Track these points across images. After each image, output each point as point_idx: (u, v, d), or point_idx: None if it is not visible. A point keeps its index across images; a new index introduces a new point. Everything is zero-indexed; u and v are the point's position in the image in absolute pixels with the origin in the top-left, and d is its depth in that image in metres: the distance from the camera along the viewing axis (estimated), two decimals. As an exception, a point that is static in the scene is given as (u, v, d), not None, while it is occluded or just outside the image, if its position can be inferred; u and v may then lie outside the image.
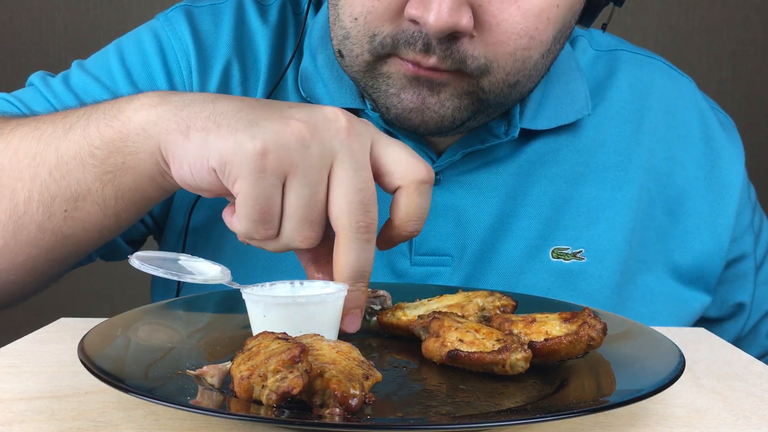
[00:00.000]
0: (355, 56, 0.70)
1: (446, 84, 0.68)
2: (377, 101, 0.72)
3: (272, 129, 0.55)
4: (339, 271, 0.58)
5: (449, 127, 0.71)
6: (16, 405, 0.49)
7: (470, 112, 0.71)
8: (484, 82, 0.68)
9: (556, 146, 0.82)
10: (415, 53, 0.66)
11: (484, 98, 0.70)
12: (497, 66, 0.68)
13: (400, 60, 0.68)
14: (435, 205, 0.79)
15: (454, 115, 0.70)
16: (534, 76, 0.71)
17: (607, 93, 0.86)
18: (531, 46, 0.67)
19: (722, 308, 0.89)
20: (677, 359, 0.50)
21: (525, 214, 0.80)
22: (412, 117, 0.70)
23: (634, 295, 0.82)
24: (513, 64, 0.68)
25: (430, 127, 0.71)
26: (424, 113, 0.69)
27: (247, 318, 0.59)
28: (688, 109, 0.87)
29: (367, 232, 0.57)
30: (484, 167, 0.80)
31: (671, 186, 0.85)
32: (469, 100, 0.70)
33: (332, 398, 0.43)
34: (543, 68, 0.72)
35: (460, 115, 0.70)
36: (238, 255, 0.79)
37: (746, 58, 2.18)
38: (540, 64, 0.71)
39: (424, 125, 0.70)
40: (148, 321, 0.60)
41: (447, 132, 0.73)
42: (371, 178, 0.58)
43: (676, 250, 0.84)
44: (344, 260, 0.58)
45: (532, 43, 0.67)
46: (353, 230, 0.57)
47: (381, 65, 0.70)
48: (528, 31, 0.66)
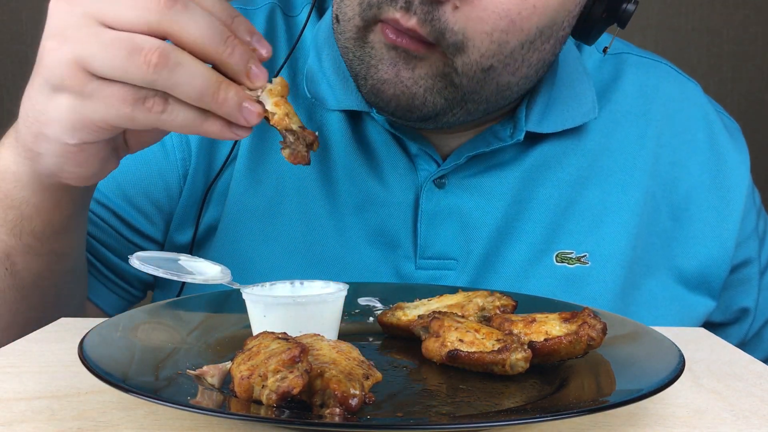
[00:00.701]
0: (348, 20, 0.70)
1: (422, 58, 0.67)
2: (359, 74, 0.71)
3: (46, 72, 0.54)
4: (204, 51, 0.52)
5: (421, 109, 0.69)
6: (16, 405, 0.49)
7: (444, 98, 0.69)
8: (458, 61, 0.67)
9: (561, 150, 0.82)
10: (396, 10, 0.65)
11: (458, 83, 0.68)
12: (473, 46, 0.66)
13: (383, 26, 0.67)
14: (440, 209, 0.79)
15: (425, 95, 0.69)
16: (512, 68, 0.69)
17: (613, 96, 0.85)
18: (510, 30, 0.66)
19: (726, 313, 0.89)
20: (677, 359, 0.50)
21: (529, 218, 0.80)
22: (385, 89, 0.69)
23: (638, 300, 0.82)
24: (488, 46, 0.66)
25: (402, 104, 0.69)
26: (396, 86, 0.68)
27: (247, 318, 0.59)
28: (694, 113, 0.87)
29: (174, 1, 0.51)
30: (490, 171, 0.80)
31: (676, 190, 0.84)
32: (442, 83, 0.68)
33: (332, 398, 0.43)
34: (525, 63, 0.70)
35: (433, 98, 0.69)
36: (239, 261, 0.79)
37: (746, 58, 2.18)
38: (519, 54, 0.69)
39: (395, 100, 0.69)
40: (148, 321, 0.60)
41: (422, 118, 0.71)
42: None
43: (681, 254, 0.84)
44: (192, 41, 0.52)
45: (512, 27, 0.66)
46: (162, 13, 0.51)
47: (368, 33, 0.69)
48: (509, 13, 0.65)
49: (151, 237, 0.83)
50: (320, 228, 0.79)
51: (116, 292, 0.84)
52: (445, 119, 0.72)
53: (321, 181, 0.80)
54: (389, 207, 0.79)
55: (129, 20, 0.51)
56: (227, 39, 0.53)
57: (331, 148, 0.80)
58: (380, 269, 0.79)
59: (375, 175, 0.79)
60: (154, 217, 0.82)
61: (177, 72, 0.51)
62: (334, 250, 0.79)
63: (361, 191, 0.79)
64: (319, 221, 0.79)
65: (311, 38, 0.83)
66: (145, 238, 0.82)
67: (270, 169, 0.80)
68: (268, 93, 0.56)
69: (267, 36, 0.85)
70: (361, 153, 0.80)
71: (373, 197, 0.79)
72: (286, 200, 0.80)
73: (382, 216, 0.79)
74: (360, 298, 0.70)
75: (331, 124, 0.80)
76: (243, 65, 0.54)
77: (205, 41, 0.52)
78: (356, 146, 0.80)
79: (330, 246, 0.79)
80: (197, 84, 0.52)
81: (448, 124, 0.73)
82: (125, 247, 0.82)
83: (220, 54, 0.53)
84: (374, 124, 0.80)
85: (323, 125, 0.81)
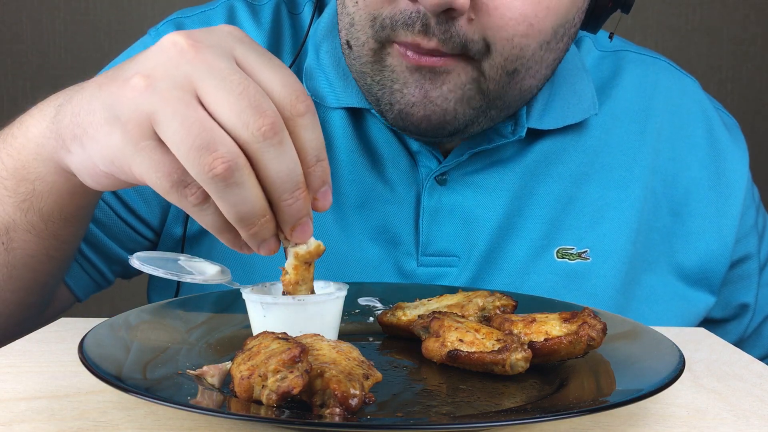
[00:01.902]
0: (362, 44, 0.70)
1: (449, 71, 0.67)
2: (381, 99, 0.71)
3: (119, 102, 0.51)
4: (270, 188, 0.51)
5: (452, 123, 0.70)
6: (16, 405, 0.49)
7: (472, 108, 0.70)
8: (485, 65, 0.67)
9: (561, 146, 0.82)
10: (414, 35, 0.66)
11: (485, 89, 0.69)
12: (495, 51, 0.67)
13: (402, 48, 0.67)
14: (442, 206, 0.79)
15: (456, 108, 0.69)
16: (533, 70, 0.70)
17: (612, 93, 0.86)
18: (529, 34, 0.67)
19: (726, 309, 0.89)
20: (677, 359, 0.50)
21: (530, 214, 0.80)
22: (414, 112, 0.69)
23: (638, 296, 0.82)
24: (511, 51, 0.67)
25: (433, 123, 0.70)
26: (426, 107, 0.69)
27: (247, 318, 0.59)
28: (693, 109, 0.88)
29: (274, 133, 0.49)
30: (491, 167, 0.80)
31: (676, 186, 0.85)
32: (471, 90, 0.69)
33: (332, 398, 0.43)
34: (543, 64, 0.71)
35: (463, 110, 0.70)
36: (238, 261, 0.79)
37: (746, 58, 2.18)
38: (539, 56, 0.69)
39: (426, 120, 0.70)
40: (148, 321, 0.60)
41: (451, 133, 0.72)
42: (246, 77, 0.50)
43: (681, 250, 0.84)
44: (266, 175, 0.50)
45: (531, 30, 0.66)
46: (256, 138, 0.49)
47: (385, 56, 0.69)
48: (526, 17, 0.66)
49: (147, 221, 0.82)
50: (322, 226, 0.79)
51: (89, 273, 0.83)
52: (471, 130, 0.73)
53: None
54: (391, 204, 0.79)
55: (223, 117, 0.49)
56: (296, 191, 0.51)
57: (332, 146, 0.80)
58: (382, 266, 0.79)
59: (377, 172, 0.80)
60: (152, 203, 0.82)
61: (231, 190, 0.49)
62: (336, 247, 0.79)
63: (362, 189, 0.79)
64: (321, 219, 0.79)
65: (310, 36, 0.83)
66: (140, 221, 0.82)
67: None
68: (295, 253, 0.55)
69: (273, 31, 0.85)
70: (363, 150, 0.80)
71: (375, 194, 0.79)
72: None
73: (384, 213, 0.79)
74: (360, 298, 0.70)
75: (333, 122, 0.80)
76: (293, 220, 0.52)
77: (275, 183, 0.50)
78: (358, 144, 0.80)
79: (332, 243, 0.79)
80: (241, 210, 0.50)
81: (471, 134, 0.75)
82: (118, 226, 0.81)
83: (281, 200, 0.51)
84: (375, 121, 0.80)
85: (324, 123, 0.81)
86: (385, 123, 0.78)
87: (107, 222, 0.81)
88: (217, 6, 0.86)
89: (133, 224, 0.82)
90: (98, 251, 0.82)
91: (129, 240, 0.82)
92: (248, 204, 0.50)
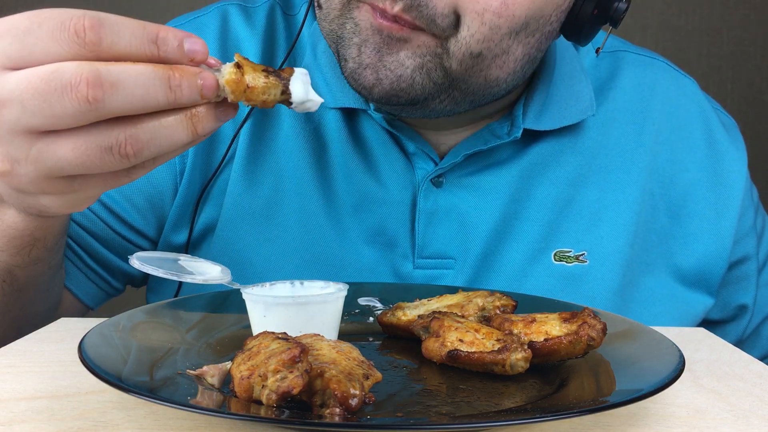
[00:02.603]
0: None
1: (407, 40, 0.66)
2: (341, 54, 0.70)
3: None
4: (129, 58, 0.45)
5: (408, 92, 0.68)
6: (16, 405, 0.49)
7: (432, 81, 0.68)
8: (451, 42, 0.66)
9: (558, 148, 0.82)
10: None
11: (447, 66, 0.67)
12: (464, 24, 0.65)
13: (371, 10, 0.66)
14: (438, 208, 0.79)
15: (413, 75, 0.67)
16: (500, 60, 0.69)
17: (610, 94, 0.85)
18: (501, 14, 0.65)
19: (724, 310, 0.89)
20: (677, 359, 0.50)
21: (528, 217, 0.80)
22: (366, 74, 0.68)
23: (636, 298, 0.82)
24: (479, 28, 0.65)
25: (386, 89, 0.68)
26: (378, 71, 0.67)
27: (247, 318, 0.59)
28: (691, 110, 0.87)
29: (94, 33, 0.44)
30: (487, 169, 0.80)
31: (674, 188, 0.84)
32: (432, 62, 0.67)
33: (332, 398, 0.43)
34: (511, 56, 0.69)
35: (422, 79, 0.68)
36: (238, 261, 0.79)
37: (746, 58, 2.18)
38: (506, 44, 0.68)
39: (379, 85, 0.68)
40: (148, 321, 0.60)
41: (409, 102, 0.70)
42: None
43: (679, 252, 0.84)
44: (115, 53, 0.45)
45: (504, 10, 0.65)
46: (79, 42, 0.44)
47: (352, 8, 0.68)
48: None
49: (142, 232, 0.82)
50: (318, 228, 0.79)
51: (96, 282, 0.83)
52: (432, 106, 0.71)
53: (319, 180, 0.80)
54: (387, 206, 0.79)
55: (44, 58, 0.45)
56: (171, 85, 0.46)
57: (328, 147, 0.80)
58: (378, 269, 0.79)
59: (372, 174, 0.79)
60: (146, 213, 0.82)
61: (118, 92, 0.45)
62: (332, 250, 0.79)
63: (358, 191, 0.79)
64: (317, 221, 0.79)
65: (308, 35, 0.82)
66: (136, 232, 0.82)
67: (267, 170, 0.80)
68: (226, 83, 0.49)
69: (267, 34, 0.85)
70: (359, 152, 0.80)
71: (371, 197, 0.79)
72: (284, 201, 0.80)
73: (380, 215, 0.79)
74: (360, 298, 0.70)
75: (329, 123, 0.80)
76: (197, 93, 0.47)
77: (149, 100, 0.46)
78: (353, 145, 0.80)
79: (328, 246, 0.79)
80: (144, 93, 0.45)
81: (435, 113, 0.73)
82: (114, 240, 0.81)
83: (172, 102, 0.47)
84: (371, 123, 0.79)
85: (321, 123, 0.81)
86: (381, 124, 0.78)
87: (104, 236, 0.81)
88: (210, 11, 0.86)
89: (129, 237, 0.82)
90: (101, 264, 0.82)
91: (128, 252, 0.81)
92: (140, 85, 0.45)
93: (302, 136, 0.80)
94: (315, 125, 0.81)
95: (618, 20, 0.73)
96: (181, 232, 0.82)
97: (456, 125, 0.78)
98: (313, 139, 0.80)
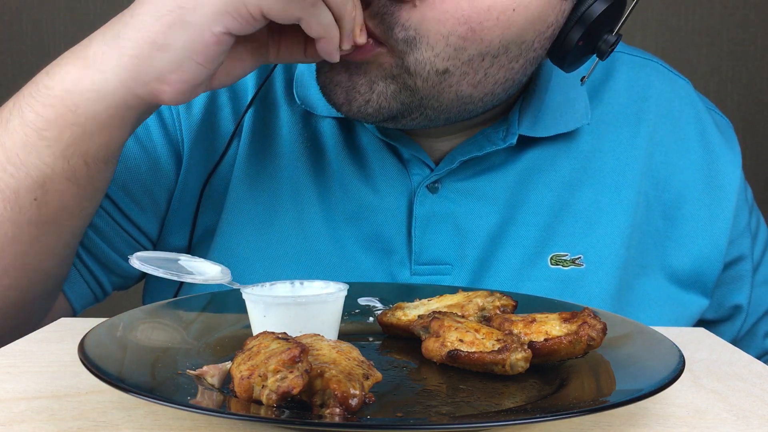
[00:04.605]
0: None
1: (369, 62, 0.66)
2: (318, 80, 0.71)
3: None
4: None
5: (375, 115, 0.68)
6: (16, 405, 0.49)
7: (399, 102, 0.68)
8: (410, 59, 0.65)
9: (553, 152, 0.82)
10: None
11: (411, 85, 0.67)
12: (426, 43, 0.65)
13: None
14: (434, 214, 0.79)
15: (379, 100, 0.67)
16: (471, 78, 0.67)
17: (605, 96, 0.85)
18: (468, 38, 0.64)
19: (719, 310, 0.89)
20: (677, 359, 0.50)
21: (523, 221, 0.80)
22: (336, 91, 0.68)
23: (632, 301, 0.82)
24: (444, 48, 0.65)
25: (353, 109, 0.68)
26: (348, 91, 0.68)
27: (247, 318, 0.59)
28: (685, 111, 0.87)
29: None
30: (482, 174, 0.80)
31: (668, 190, 0.84)
32: (395, 85, 0.67)
33: (332, 398, 0.43)
34: (489, 78, 0.68)
35: (388, 102, 0.67)
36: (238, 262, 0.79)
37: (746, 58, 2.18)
38: (478, 65, 0.66)
39: (347, 104, 0.68)
40: (148, 321, 0.60)
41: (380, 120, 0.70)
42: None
43: (674, 254, 0.84)
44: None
45: (471, 35, 0.64)
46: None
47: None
48: (469, 21, 0.64)
49: (143, 229, 0.82)
50: (315, 236, 0.79)
51: (88, 282, 0.82)
52: (403, 123, 0.71)
53: (315, 188, 0.80)
54: (383, 213, 0.79)
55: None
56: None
57: (324, 156, 0.80)
58: (375, 276, 0.79)
59: (368, 181, 0.79)
60: (147, 208, 0.81)
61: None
62: (329, 258, 0.79)
63: (354, 198, 0.79)
64: (313, 229, 0.79)
65: None
66: (136, 228, 0.82)
67: (267, 176, 0.80)
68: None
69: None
70: (354, 160, 0.80)
71: (367, 204, 0.79)
72: (282, 208, 0.80)
73: (376, 223, 0.79)
74: (360, 298, 0.70)
75: (324, 131, 0.80)
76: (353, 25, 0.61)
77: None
78: (348, 153, 0.80)
79: (325, 254, 0.79)
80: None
81: (411, 126, 0.73)
82: (115, 233, 0.81)
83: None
84: (366, 131, 0.80)
85: (316, 132, 0.81)
86: (375, 133, 0.78)
87: (106, 229, 0.81)
88: None
89: (131, 232, 0.82)
90: (98, 260, 0.82)
91: (128, 248, 0.81)
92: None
93: (300, 143, 0.81)
94: (312, 133, 0.81)
95: (605, 53, 0.72)
96: (180, 235, 0.82)
97: (450, 131, 0.78)
98: (310, 146, 0.81)
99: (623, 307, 0.80)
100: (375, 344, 0.63)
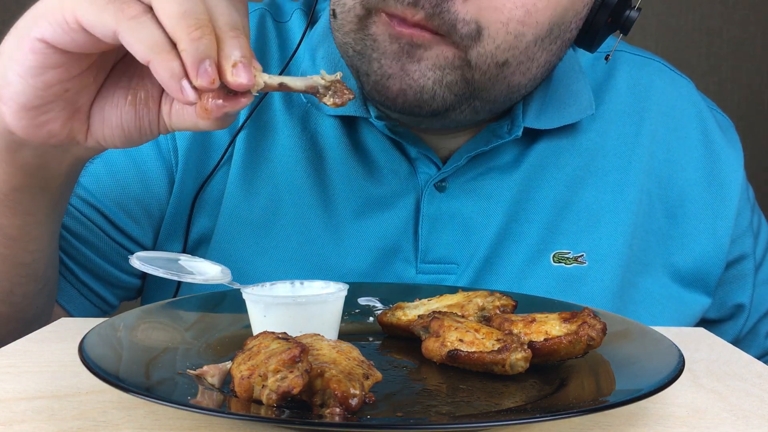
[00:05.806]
0: (348, 10, 0.67)
1: (428, 47, 0.65)
2: (359, 69, 0.69)
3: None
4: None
5: (430, 103, 0.67)
6: (16, 405, 0.49)
7: (454, 93, 0.67)
8: (473, 53, 0.65)
9: (557, 149, 0.82)
10: (404, 6, 0.63)
11: (469, 78, 0.67)
12: (488, 36, 0.64)
13: (387, 18, 0.65)
14: (441, 213, 0.79)
15: (434, 88, 0.66)
16: (524, 66, 0.68)
17: (607, 95, 0.85)
18: (526, 22, 0.65)
19: (721, 309, 0.89)
20: (677, 359, 0.50)
21: (527, 219, 0.80)
22: (390, 84, 0.66)
23: (635, 299, 0.82)
24: (505, 37, 0.65)
25: (410, 99, 0.67)
26: (402, 80, 0.66)
27: (247, 318, 0.59)
28: (687, 110, 0.87)
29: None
30: (489, 173, 0.80)
31: (671, 188, 0.85)
32: (453, 75, 0.66)
33: (332, 398, 0.43)
34: (535, 62, 0.69)
35: (442, 92, 0.67)
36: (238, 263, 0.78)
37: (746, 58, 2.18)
38: (531, 52, 0.67)
39: (402, 95, 0.67)
40: (148, 321, 0.60)
41: (430, 114, 0.69)
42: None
43: (677, 252, 0.84)
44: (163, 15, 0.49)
45: (528, 18, 0.65)
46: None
47: (370, 24, 0.67)
48: (525, 4, 0.64)
49: (138, 241, 0.81)
50: (318, 237, 0.79)
51: (89, 299, 0.82)
52: (452, 116, 0.71)
53: (317, 188, 0.79)
54: (390, 212, 0.79)
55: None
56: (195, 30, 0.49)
57: (326, 155, 0.80)
58: (380, 276, 0.78)
59: (374, 180, 0.79)
60: (141, 221, 0.81)
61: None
62: (332, 258, 0.78)
63: (359, 197, 0.79)
64: (316, 230, 0.79)
65: (304, 42, 0.82)
66: (132, 240, 0.81)
67: (264, 180, 0.80)
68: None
69: (258, 42, 0.84)
70: (359, 159, 0.79)
71: (373, 203, 0.79)
72: (282, 210, 0.79)
73: (382, 221, 0.79)
74: (360, 298, 0.70)
75: (326, 130, 0.80)
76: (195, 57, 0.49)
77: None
78: (353, 152, 0.79)
79: (328, 254, 0.78)
80: (182, 5, 0.49)
81: (455, 123, 0.73)
82: (111, 248, 0.80)
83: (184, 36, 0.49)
84: (371, 129, 0.79)
85: (318, 131, 0.80)
86: (382, 131, 0.78)
87: (101, 245, 0.80)
88: None
89: (127, 246, 0.81)
90: (97, 277, 0.81)
91: (124, 261, 0.81)
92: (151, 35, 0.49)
93: (299, 144, 0.80)
94: (312, 133, 0.80)
95: (628, 28, 0.73)
96: (175, 242, 0.81)
97: (458, 129, 0.78)
98: (310, 147, 0.80)
99: (625, 306, 0.81)
100: (375, 344, 0.63)
